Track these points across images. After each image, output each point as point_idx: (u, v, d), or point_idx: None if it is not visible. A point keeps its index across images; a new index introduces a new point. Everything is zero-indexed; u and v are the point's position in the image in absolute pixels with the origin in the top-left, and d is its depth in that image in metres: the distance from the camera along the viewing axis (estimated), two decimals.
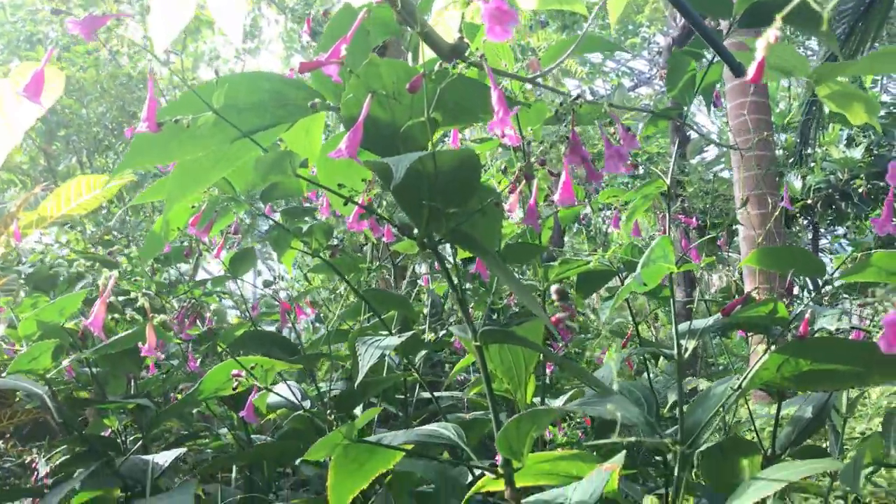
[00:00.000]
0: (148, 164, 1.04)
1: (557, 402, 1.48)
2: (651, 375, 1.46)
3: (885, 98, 8.17)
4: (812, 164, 6.75)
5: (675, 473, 1.21)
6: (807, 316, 1.03)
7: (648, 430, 1.28)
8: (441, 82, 0.80)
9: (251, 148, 1.03)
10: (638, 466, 1.55)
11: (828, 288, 1.10)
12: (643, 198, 1.34)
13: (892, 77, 9.91)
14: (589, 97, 0.99)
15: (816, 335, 1.26)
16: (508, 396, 1.42)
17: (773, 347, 1.16)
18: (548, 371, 1.59)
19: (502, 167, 1.44)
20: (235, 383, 1.10)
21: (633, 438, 1.22)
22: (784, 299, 1.06)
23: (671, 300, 1.29)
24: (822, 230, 8.07)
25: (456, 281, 0.94)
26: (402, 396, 1.91)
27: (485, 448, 1.71)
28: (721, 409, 1.19)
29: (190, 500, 1.15)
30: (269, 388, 1.48)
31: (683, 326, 1.33)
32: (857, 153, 6.83)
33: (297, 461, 1.61)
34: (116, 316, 1.68)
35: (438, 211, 0.91)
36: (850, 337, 1.38)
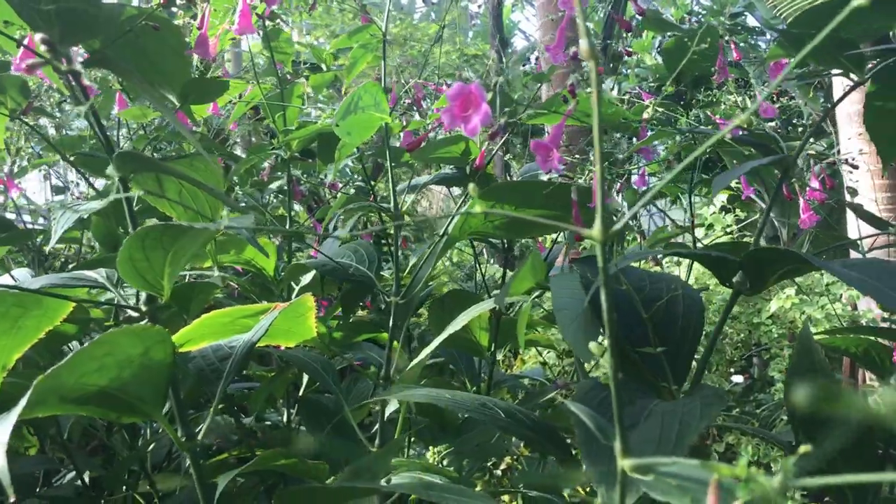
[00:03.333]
0: None
1: None
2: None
3: (695, 7, 8.57)
4: (627, 71, 7.00)
5: (391, 323, 1.21)
6: (482, 149, 1.02)
7: (368, 279, 1.28)
8: None
9: None
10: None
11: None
12: (361, 48, 1.28)
13: None
14: None
15: None
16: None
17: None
18: None
19: None
20: None
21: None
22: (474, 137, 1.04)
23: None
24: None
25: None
26: None
27: None
28: (433, 262, 1.19)
29: None
30: None
31: (403, 184, 1.31)
32: None
33: None
34: None
35: (73, 22, 0.80)
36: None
